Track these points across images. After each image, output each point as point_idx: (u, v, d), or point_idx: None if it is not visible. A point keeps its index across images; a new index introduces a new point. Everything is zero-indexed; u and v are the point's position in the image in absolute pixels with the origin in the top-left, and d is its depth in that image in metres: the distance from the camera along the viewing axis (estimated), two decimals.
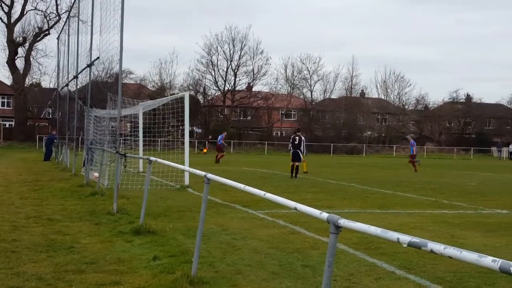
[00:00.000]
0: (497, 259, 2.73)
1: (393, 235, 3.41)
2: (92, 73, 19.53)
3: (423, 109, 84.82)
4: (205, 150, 53.78)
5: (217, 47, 70.46)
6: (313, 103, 78.11)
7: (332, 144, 66.24)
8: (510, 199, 17.15)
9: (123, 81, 62.54)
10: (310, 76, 76.81)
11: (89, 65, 17.83)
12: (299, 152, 24.27)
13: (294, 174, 23.96)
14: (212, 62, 70.72)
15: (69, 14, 28.70)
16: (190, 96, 22.42)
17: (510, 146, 69.98)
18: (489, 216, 13.10)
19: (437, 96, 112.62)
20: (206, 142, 56.54)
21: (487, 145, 77.04)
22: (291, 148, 24.62)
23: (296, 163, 24.15)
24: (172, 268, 7.14)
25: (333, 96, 79.58)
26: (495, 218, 12.86)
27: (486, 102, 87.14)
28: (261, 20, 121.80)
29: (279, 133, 78.93)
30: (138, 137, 24.74)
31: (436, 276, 7.11)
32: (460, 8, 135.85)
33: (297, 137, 24.74)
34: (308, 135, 71.76)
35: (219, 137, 38.20)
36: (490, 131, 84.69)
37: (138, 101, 25.18)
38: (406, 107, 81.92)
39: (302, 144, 24.55)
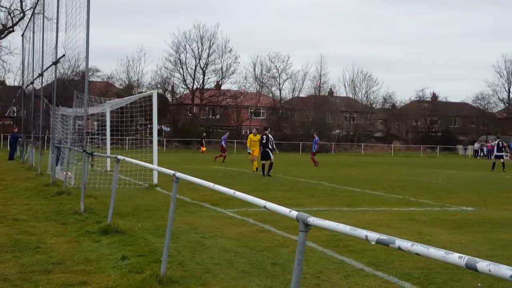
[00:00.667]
0: (463, 255, 2.76)
1: (361, 232, 3.44)
2: (58, 71, 19.26)
3: (390, 107, 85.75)
4: (203, 149, 53.50)
5: (185, 45, 70.28)
6: (282, 101, 78.36)
7: (301, 143, 66.51)
8: (475, 196, 17.44)
9: (90, 79, 61.85)
10: (279, 75, 77.10)
11: (55, 63, 17.58)
12: (268, 151, 24.36)
13: (267, 171, 24.08)
14: (180, 60, 70.51)
15: (33, 11, 28.24)
16: (159, 95, 22.31)
17: (475, 145, 71.21)
18: (455, 213, 13.29)
19: (404, 95, 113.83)
20: (203, 141, 56.26)
21: (453, 144, 78.28)
22: (261, 147, 24.70)
23: (267, 161, 24.28)
24: (140, 267, 7.08)
25: (301, 95, 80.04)
26: (461, 215, 13.06)
27: (451, 101, 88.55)
28: (229, 18, 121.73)
29: (248, 131, 78.89)
30: (106, 135, 24.49)
31: (404, 272, 7.19)
32: (426, 8, 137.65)
33: (265, 136, 24.86)
34: (277, 133, 71.91)
35: (222, 137, 38.75)
36: (455, 129, 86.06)
37: (105, 99, 24.92)
38: (374, 105, 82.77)
39: (271, 142, 24.63)
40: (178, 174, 6.79)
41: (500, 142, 37.02)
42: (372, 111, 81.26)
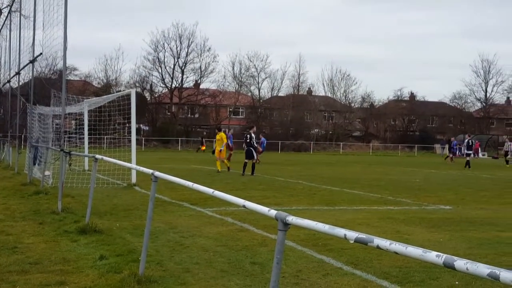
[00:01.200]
0: (441, 254, 2.78)
1: (340, 231, 3.45)
2: (35, 70, 19.06)
3: (368, 107, 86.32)
4: (203, 148, 53.29)
5: (163, 44, 70.01)
6: (261, 100, 78.45)
7: (279, 142, 66.61)
8: (453, 195, 17.61)
9: (68, 78, 61.34)
10: (258, 74, 77.18)
11: (32, 61, 17.42)
12: (252, 150, 24.44)
13: (250, 171, 24.08)
14: (159, 59, 70.24)
15: (10, 8, 27.91)
16: (137, 93, 22.17)
17: (453, 143, 71.84)
18: (433, 212, 13.41)
19: (382, 94, 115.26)
20: (204, 140, 56.09)
21: (431, 142, 79.00)
22: (245, 146, 24.78)
23: (250, 161, 24.32)
24: (119, 267, 7.04)
25: (280, 94, 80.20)
26: (439, 213, 13.18)
27: (429, 100, 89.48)
28: (208, 17, 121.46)
29: (227, 130, 78.76)
30: (84, 134, 24.31)
31: (382, 271, 7.24)
32: (405, 8, 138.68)
33: (249, 135, 24.99)
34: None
35: (229, 136, 38.74)
36: (433, 128, 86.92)
37: (83, 98, 24.74)
38: (352, 105, 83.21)
39: (252, 141, 24.72)
40: (157, 173, 6.76)
41: (469, 141, 37.61)
42: (350, 110, 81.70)
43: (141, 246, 7.12)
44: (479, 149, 67.46)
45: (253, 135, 25.08)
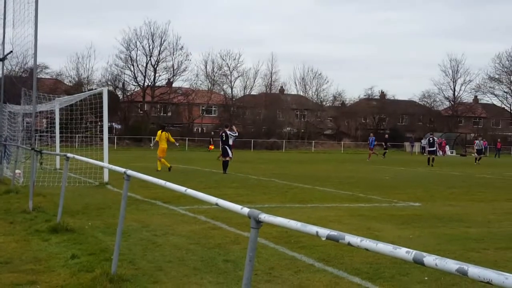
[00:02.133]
0: (411, 250, 2.84)
1: (312, 228, 3.50)
2: (5, 68, 18.81)
3: (340, 105, 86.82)
4: (211, 147, 52.98)
5: (136, 42, 69.42)
6: (234, 99, 78.37)
7: (252, 140, 66.65)
8: (422, 192, 17.84)
9: (38, 76, 60.48)
10: (230, 73, 77.09)
11: (2, 59, 17.18)
12: (227, 148, 24.56)
13: (223, 169, 24.12)
14: (131, 57, 69.63)
15: None
16: (109, 92, 22.00)
17: (422, 141, 72.69)
18: (403, 209, 13.58)
19: (353, 93, 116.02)
20: (211, 140, 55.77)
21: (400, 140, 79.77)
22: (220, 144, 24.91)
23: (226, 159, 24.41)
24: (91, 266, 7.01)
25: (253, 93, 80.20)
26: (408, 210, 13.35)
27: (399, 99, 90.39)
28: (180, 16, 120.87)
29: (199, 129, 78.66)
30: (55, 133, 24.05)
31: (353, 267, 7.33)
32: (375, 8, 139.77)
33: (224, 134, 25.06)
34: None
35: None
36: (403, 126, 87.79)
37: (54, 97, 24.47)
38: (324, 103, 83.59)
39: (229, 139, 24.84)
40: (129, 172, 6.76)
41: (430, 138, 38.26)
42: (322, 109, 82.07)
43: (113, 245, 7.10)
44: (447, 147, 68.41)
45: (229, 133, 25.13)
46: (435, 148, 37.99)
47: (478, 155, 43.49)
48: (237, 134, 25.95)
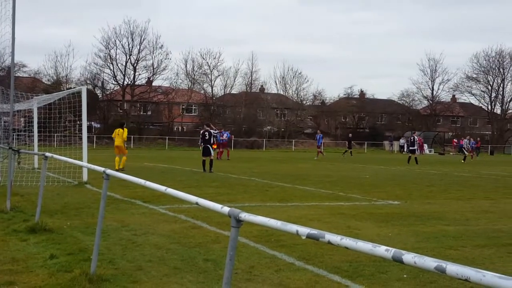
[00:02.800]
0: (390, 248, 2.86)
1: (292, 227, 3.50)
2: None
3: (320, 104, 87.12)
4: (214, 146, 52.92)
5: (115, 40, 68.98)
6: (214, 98, 78.25)
7: (232, 139, 66.59)
8: (401, 190, 17.97)
9: (16, 75, 59.90)
10: (211, 71, 76.95)
11: None
12: (209, 147, 24.52)
13: (209, 169, 24.07)
14: (110, 56, 69.16)
15: None
16: (88, 91, 21.85)
17: (401, 140, 73.24)
18: (382, 207, 13.67)
19: (333, 92, 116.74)
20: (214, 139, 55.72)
21: (380, 139, 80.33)
22: (202, 143, 24.71)
23: (208, 158, 24.38)
24: (70, 266, 6.96)
25: (233, 91, 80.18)
26: (387, 208, 13.44)
27: (378, 98, 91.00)
28: (160, 14, 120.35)
29: (180, 128, 78.44)
30: (33, 132, 23.82)
31: (333, 266, 7.36)
32: (354, 8, 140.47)
33: (207, 132, 24.86)
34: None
35: (226, 133, 39.05)
36: (382, 125, 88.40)
37: (32, 95, 24.22)
38: (304, 102, 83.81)
39: (212, 138, 25.01)
40: (109, 171, 6.72)
41: (411, 138, 38.65)
42: (302, 108, 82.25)
43: (92, 245, 7.06)
44: (425, 145, 68.99)
45: (212, 132, 25.19)
46: (415, 147, 38.36)
47: (464, 154, 44.03)
48: (217, 131, 25.93)
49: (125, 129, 24.79)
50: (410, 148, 38.53)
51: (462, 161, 42.88)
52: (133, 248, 8.20)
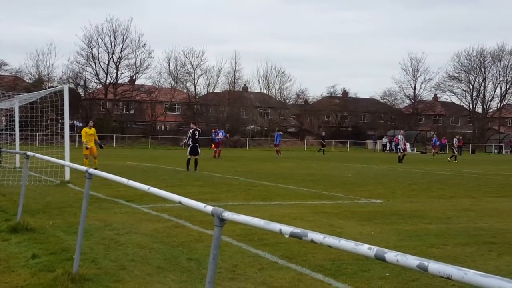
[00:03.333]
0: (373, 246, 2.87)
1: (275, 226, 3.51)
2: None
3: (303, 103, 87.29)
4: (213, 147, 52.76)
5: (97, 39, 68.56)
6: (197, 97, 78.08)
7: (228, 138, 66.48)
8: (383, 189, 18.07)
9: None
10: (194, 70, 76.78)
11: None
12: (198, 146, 24.46)
13: (194, 168, 24.01)
14: (92, 54, 68.76)
15: None
16: (70, 89, 21.63)
17: (383, 139, 73.66)
18: (364, 206, 13.74)
19: (316, 91, 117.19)
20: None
21: (363, 138, 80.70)
22: (190, 143, 24.59)
23: (193, 157, 24.28)
24: (52, 266, 6.92)
25: (216, 90, 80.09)
26: (370, 207, 13.52)
27: (361, 97, 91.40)
28: (143, 13, 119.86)
29: (163, 126, 78.19)
30: (14, 131, 23.61)
31: (316, 264, 7.38)
32: (337, 7, 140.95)
33: (197, 131, 24.82)
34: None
35: (222, 134, 39.19)
36: (364, 124, 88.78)
37: (14, 94, 24.01)
38: (287, 101, 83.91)
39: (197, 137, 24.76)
40: (91, 170, 6.69)
41: (399, 136, 38.99)
42: (285, 107, 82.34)
43: (75, 244, 7.01)
44: (407, 144, 69.36)
45: (195, 131, 24.98)
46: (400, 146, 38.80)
47: (454, 153, 44.41)
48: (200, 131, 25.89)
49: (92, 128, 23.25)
50: (398, 146, 38.88)
51: (449, 159, 43.01)
52: (116, 248, 8.16)
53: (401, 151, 38.09)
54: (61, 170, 18.07)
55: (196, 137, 24.65)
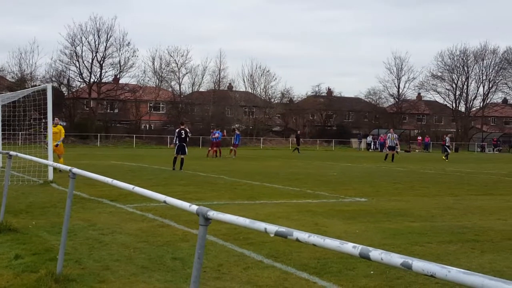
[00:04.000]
0: (357, 245, 2.88)
1: (260, 225, 3.51)
2: None
3: (288, 102, 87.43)
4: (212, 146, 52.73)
5: (81, 37, 68.15)
6: (182, 96, 77.90)
7: (201, 137, 66.39)
8: (368, 187, 18.14)
9: None
10: (178, 69, 76.60)
11: None
12: (185, 145, 24.61)
13: (180, 167, 24.05)
14: (76, 53, 68.32)
15: None
16: (53, 88, 21.47)
17: (368, 138, 73.98)
18: (349, 204, 13.78)
19: (300, 90, 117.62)
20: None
21: (347, 137, 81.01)
22: (177, 142, 24.69)
23: (182, 156, 24.37)
24: (35, 266, 6.86)
25: (201, 89, 79.97)
26: (355, 205, 13.56)
27: (345, 96, 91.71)
28: (127, 11, 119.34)
29: (147, 126, 77.92)
30: None
31: (301, 263, 7.40)
32: (323, 6, 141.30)
33: (183, 131, 24.94)
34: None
35: (218, 132, 39.37)
36: (349, 123, 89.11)
37: None
38: (272, 100, 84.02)
39: (188, 136, 25.20)
40: (75, 170, 6.64)
41: (392, 135, 39.19)
42: (270, 106, 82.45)
43: (58, 244, 6.97)
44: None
45: (187, 130, 25.41)
46: (395, 145, 39.10)
47: (447, 151, 44.73)
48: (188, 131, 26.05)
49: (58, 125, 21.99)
50: (390, 145, 39.09)
51: (444, 158, 43.11)
52: (100, 248, 8.12)
53: (392, 149, 38.44)
54: (44, 169, 17.93)
55: (182, 136, 24.70)
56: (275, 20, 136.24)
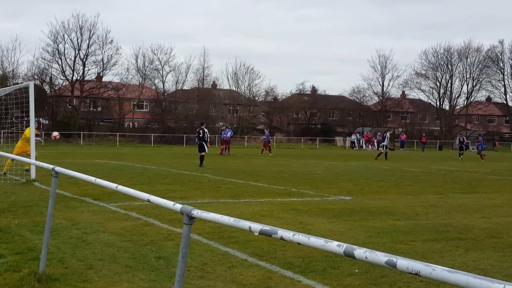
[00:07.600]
0: (342, 243, 2.88)
1: (245, 224, 3.50)
2: None
3: (272, 100, 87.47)
4: (208, 145, 52.47)
5: (63, 35, 67.55)
6: (165, 94, 77.62)
7: (185, 135, 66.26)
8: (352, 185, 18.20)
9: None
10: (162, 67, 76.23)
11: None
12: (204, 144, 26.85)
13: (199, 163, 26.07)
14: (58, 50, 67.68)
15: None
16: (36, 86, 21.29)
17: (352, 136, 74.22)
18: (334, 203, 13.81)
19: (285, 88, 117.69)
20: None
21: (332, 135, 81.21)
22: (197, 141, 27.33)
23: (201, 154, 26.54)
24: (18, 266, 6.80)
25: (185, 87, 79.65)
26: (339, 204, 13.60)
27: (330, 94, 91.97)
28: (110, 9, 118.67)
29: (131, 124, 77.56)
30: None
31: (285, 261, 7.39)
32: (307, 4, 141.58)
33: (201, 130, 27.36)
34: (160, 126, 71.14)
35: (231, 133, 39.92)
36: (333, 121, 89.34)
37: None
38: (257, 98, 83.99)
39: (206, 135, 27.50)
40: (58, 169, 6.58)
41: (385, 134, 39.53)
42: (254, 104, 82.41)
43: (41, 244, 6.91)
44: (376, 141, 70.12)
45: (206, 130, 27.65)
46: (386, 143, 39.37)
47: (461, 150, 45.04)
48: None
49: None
50: (382, 143, 39.38)
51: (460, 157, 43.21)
52: (84, 247, 8.06)
53: (386, 148, 38.73)
54: (22, 168, 17.76)
55: (200, 135, 27.16)
56: (258, 18, 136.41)
